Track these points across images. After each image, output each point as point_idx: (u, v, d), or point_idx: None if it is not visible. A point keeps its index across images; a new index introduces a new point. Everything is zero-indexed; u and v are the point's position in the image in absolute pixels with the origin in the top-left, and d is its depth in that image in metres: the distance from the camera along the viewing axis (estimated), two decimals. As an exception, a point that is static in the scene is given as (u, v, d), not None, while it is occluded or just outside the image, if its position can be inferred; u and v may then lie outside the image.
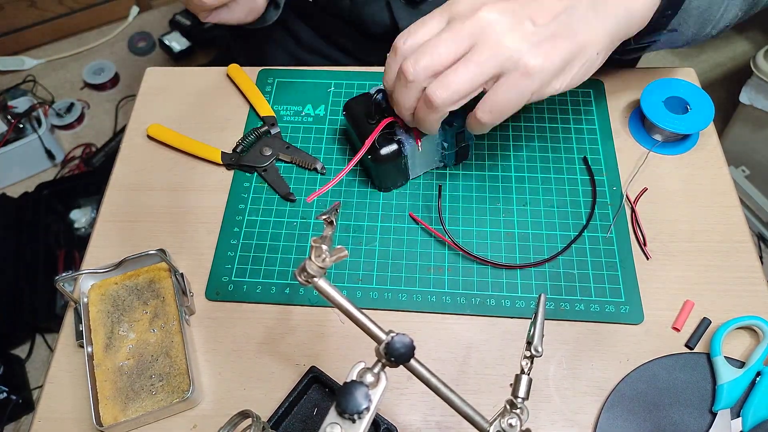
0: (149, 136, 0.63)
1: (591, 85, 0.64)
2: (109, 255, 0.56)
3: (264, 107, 0.64)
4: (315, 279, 0.36)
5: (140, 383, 0.48)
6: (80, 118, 1.72)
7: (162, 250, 0.51)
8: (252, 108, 0.65)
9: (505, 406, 0.36)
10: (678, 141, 0.60)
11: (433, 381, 0.35)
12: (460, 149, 0.56)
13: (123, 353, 0.49)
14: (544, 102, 0.63)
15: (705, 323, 0.50)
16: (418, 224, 0.56)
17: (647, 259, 0.54)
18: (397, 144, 0.52)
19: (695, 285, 0.52)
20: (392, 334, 0.34)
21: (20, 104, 1.58)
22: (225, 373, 0.50)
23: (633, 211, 0.56)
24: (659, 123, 0.57)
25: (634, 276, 0.52)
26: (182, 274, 0.52)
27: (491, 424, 0.35)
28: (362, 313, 0.35)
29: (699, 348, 0.50)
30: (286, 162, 0.61)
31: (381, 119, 0.52)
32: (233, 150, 0.62)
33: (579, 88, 0.64)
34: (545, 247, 0.54)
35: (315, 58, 0.79)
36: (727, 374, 0.47)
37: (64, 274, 0.50)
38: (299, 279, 0.36)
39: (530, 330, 0.38)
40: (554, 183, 0.58)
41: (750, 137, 1.31)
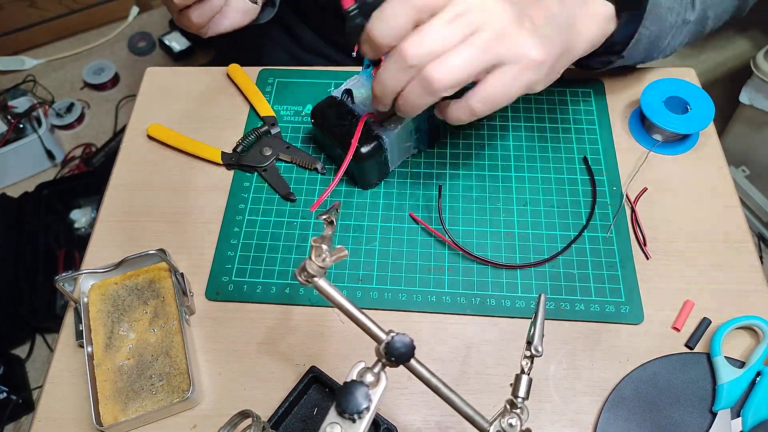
0: (149, 136, 0.63)
1: (591, 85, 0.64)
2: (109, 255, 0.56)
3: (264, 107, 0.64)
4: (315, 279, 0.36)
5: (140, 383, 0.48)
6: (80, 118, 1.71)
7: (162, 250, 0.51)
8: (252, 108, 0.65)
9: (505, 406, 0.36)
10: (678, 141, 0.60)
11: (433, 381, 0.35)
12: (433, 130, 0.56)
13: (123, 353, 0.49)
14: (544, 102, 0.63)
15: (705, 323, 0.50)
16: (419, 224, 0.56)
17: (647, 259, 0.54)
18: (376, 139, 0.52)
19: (695, 285, 0.52)
20: (392, 334, 0.34)
21: (20, 104, 1.58)
22: (225, 373, 0.50)
23: (633, 211, 0.56)
24: (659, 123, 0.57)
25: (634, 276, 0.52)
26: (182, 274, 0.52)
27: (491, 424, 0.35)
28: (362, 313, 0.35)
29: (699, 348, 0.50)
30: (286, 162, 0.61)
31: (353, 119, 0.53)
32: (233, 150, 0.62)
33: (579, 88, 0.64)
34: (545, 247, 0.54)
35: (315, 58, 0.80)
36: (727, 374, 0.47)
37: (64, 274, 0.50)
38: (299, 279, 0.36)
39: (530, 330, 0.38)
40: (554, 183, 0.58)
41: (750, 137, 1.31)
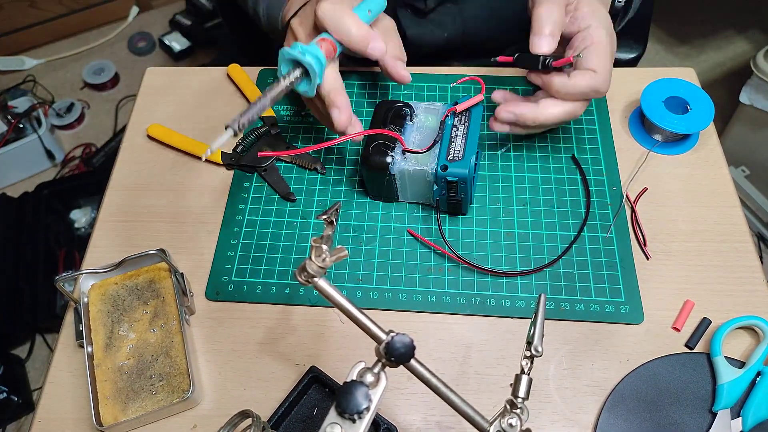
0: (149, 136, 0.63)
1: (591, 85, 0.64)
2: (109, 255, 0.56)
3: (264, 107, 0.64)
4: (315, 279, 0.36)
5: (140, 383, 0.48)
6: (80, 118, 1.72)
7: (162, 250, 0.51)
8: (252, 108, 0.65)
9: (505, 406, 0.36)
10: (678, 141, 0.60)
11: (433, 381, 0.35)
12: (452, 201, 0.53)
13: (123, 353, 0.49)
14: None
15: (705, 323, 0.50)
16: (418, 238, 0.56)
17: (647, 259, 0.54)
18: (388, 159, 0.52)
19: (695, 285, 0.52)
20: (392, 334, 0.34)
21: (20, 104, 1.58)
22: (225, 373, 0.50)
23: (633, 211, 0.56)
24: (659, 123, 0.57)
25: (634, 276, 0.52)
26: (182, 274, 0.52)
27: (491, 424, 0.35)
28: (362, 313, 0.35)
29: (699, 348, 0.50)
30: (286, 162, 0.61)
31: (392, 128, 0.53)
32: (233, 150, 0.62)
33: (579, 88, 0.64)
34: (545, 247, 0.54)
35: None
36: (727, 374, 0.47)
37: (64, 274, 0.50)
38: (299, 279, 0.36)
39: (530, 330, 0.38)
40: (554, 183, 0.58)
41: (750, 137, 1.31)
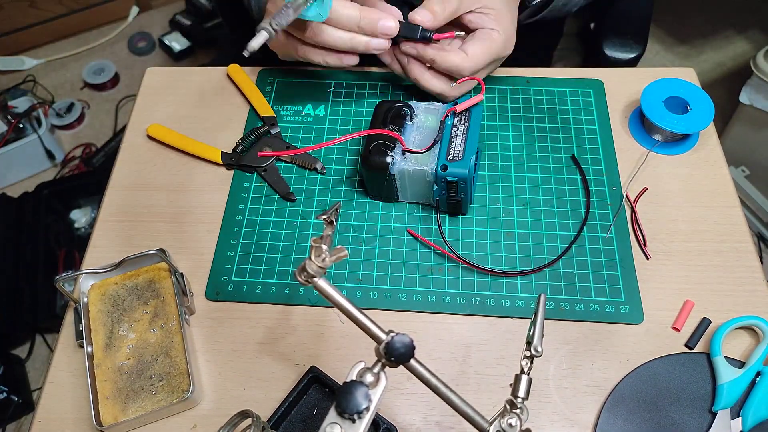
0: (149, 136, 0.63)
1: (591, 85, 0.64)
2: (109, 255, 0.56)
3: (264, 107, 0.64)
4: (315, 279, 0.36)
5: (140, 383, 0.48)
6: (80, 118, 1.71)
7: (162, 250, 0.51)
8: (252, 108, 0.65)
9: (505, 406, 0.36)
10: (678, 141, 0.60)
11: (433, 381, 0.35)
12: (452, 201, 0.54)
13: (123, 353, 0.49)
14: (544, 102, 0.63)
15: (705, 323, 0.50)
16: (418, 232, 0.56)
17: (647, 259, 0.54)
18: (388, 159, 0.52)
19: (695, 285, 0.52)
20: (392, 334, 0.34)
21: (20, 104, 1.58)
22: (225, 373, 0.50)
23: (633, 211, 0.56)
24: (659, 123, 0.57)
25: (634, 276, 0.52)
26: (182, 274, 0.52)
27: (491, 424, 0.35)
28: (362, 313, 0.35)
29: (699, 348, 0.50)
30: (286, 162, 0.61)
31: (392, 128, 0.53)
32: (233, 150, 0.62)
33: (579, 88, 0.64)
34: (545, 247, 0.54)
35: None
36: (727, 374, 0.47)
37: (64, 274, 0.50)
38: (299, 279, 0.36)
39: (530, 330, 0.38)
40: (554, 183, 0.58)
41: (750, 137, 1.31)
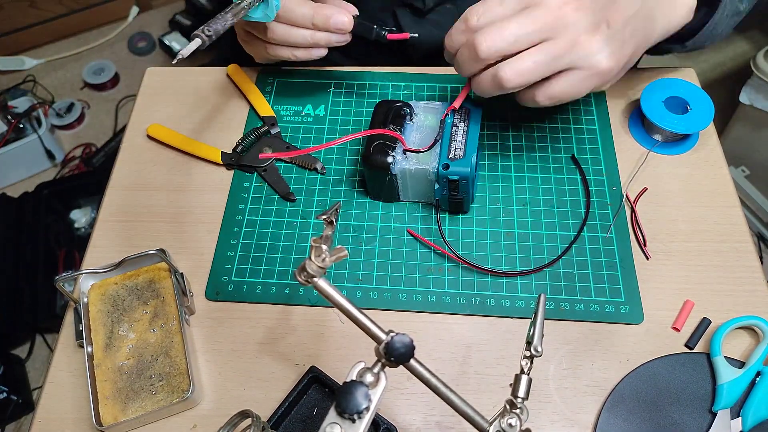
0: (149, 136, 0.63)
1: (591, 85, 0.64)
2: (109, 255, 0.56)
3: (264, 107, 0.64)
4: (315, 279, 0.36)
5: (140, 383, 0.48)
6: (80, 118, 1.72)
7: (162, 250, 0.51)
8: (252, 108, 0.65)
9: (505, 406, 0.36)
10: (678, 141, 0.60)
11: (433, 381, 0.35)
12: (453, 200, 0.54)
13: (123, 353, 0.49)
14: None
15: (705, 323, 0.50)
16: (418, 231, 0.56)
17: (647, 259, 0.54)
18: (390, 159, 0.51)
19: (695, 285, 0.52)
20: (392, 334, 0.34)
21: (20, 104, 1.58)
22: (225, 373, 0.50)
23: (633, 211, 0.56)
24: (659, 123, 0.57)
25: (634, 276, 0.52)
26: (182, 274, 0.52)
27: (491, 424, 0.35)
28: (362, 313, 0.35)
29: (699, 348, 0.50)
30: (286, 162, 0.61)
31: (392, 128, 0.53)
32: (233, 150, 0.62)
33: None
34: (545, 247, 0.54)
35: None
36: (727, 374, 0.47)
37: (64, 274, 0.50)
38: (299, 279, 0.36)
39: (530, 330, 0.38)
40: (554, 183, 0.58)
41: (750, 137, 1.31)
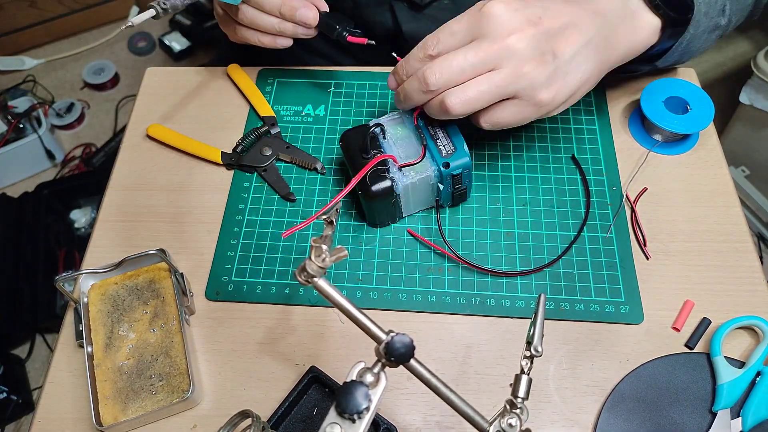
0: (149, 136, 0.63)
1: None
2: (109, 255, 0.56)
3: (264, 107, 0.64)
4: (315, 279, 0.36)
5: (140, 383, 0.48)
6: (80, 118, 1.71)
7: (162, 250, 0.51)
8: (252, 108, 0.65)
9: (505, 406, 0.36)
10: (678, 141, 0.60)
11: (433, 381, 0.35)
12: (457, 192, 0.54)
13: (123, 353, 0.49)
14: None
15: (705, 323, 0.50)
16: (419, 230, 0.56)
17: (647, 259, 0.54)
18: (390, 181, 0.50)
19: (695, 285, 0.52)
20: (392, 334, 0.34)
21: (20, 104, 1.58)
22: (225, 373, 0.50)
23: (633, 211, 0.56)
24: (659, 123, 0.57)
25: (634, 276, 0.52)
26: (182, 274, 0.52)
27: (491, 424, 0.35)
28: (362, 313, 0.35)
29: (699, 348, 0.50)
30: (286, 162, 0.61)
31: (375, 154, 0.51)
32: (233, 150, 0.62)
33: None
34: (545, 247, 0.54)
35: (315, 58, 0.79)
36: (727, 374, 0.47)
37: (64, 274, 0.50)
38: (299, 279, 0.36)
39: (530, 330, 0.38)
40: (554, 183, 0.58)
41: (750, 137, 1.31)
